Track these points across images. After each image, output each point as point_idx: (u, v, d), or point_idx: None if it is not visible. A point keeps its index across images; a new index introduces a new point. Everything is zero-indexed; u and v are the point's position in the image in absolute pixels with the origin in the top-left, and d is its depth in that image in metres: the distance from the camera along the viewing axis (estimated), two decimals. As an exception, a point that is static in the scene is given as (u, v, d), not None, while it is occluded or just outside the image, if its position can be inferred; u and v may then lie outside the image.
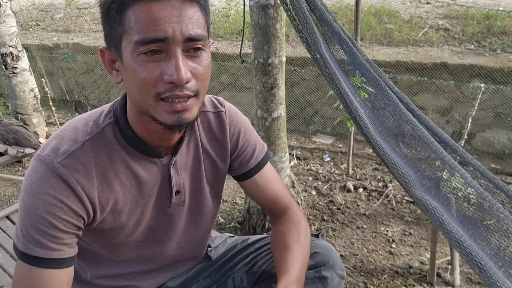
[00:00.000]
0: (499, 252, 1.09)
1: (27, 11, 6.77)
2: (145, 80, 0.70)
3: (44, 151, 0.78)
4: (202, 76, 0.74)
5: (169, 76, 0.69)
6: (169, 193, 0.91)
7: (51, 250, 0.76)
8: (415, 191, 1.18)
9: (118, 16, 0.70)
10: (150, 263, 1.01)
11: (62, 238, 0.77)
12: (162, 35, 0.68)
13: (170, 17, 0.68)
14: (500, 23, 3.74)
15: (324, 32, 1.48)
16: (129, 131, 0.82)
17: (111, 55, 0.76)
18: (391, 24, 4.16)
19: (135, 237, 0.92)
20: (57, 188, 0.75)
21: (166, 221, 0.95)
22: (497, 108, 3.21)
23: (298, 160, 3.48)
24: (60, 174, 0.75)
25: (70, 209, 0.76)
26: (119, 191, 0.84)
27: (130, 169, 0.84)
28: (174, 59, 0.69)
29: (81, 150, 0.78)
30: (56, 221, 0.75)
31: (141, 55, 0.69)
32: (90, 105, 5.31)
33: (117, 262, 0.97)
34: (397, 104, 1.35)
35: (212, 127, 0.96)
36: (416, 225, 2.48)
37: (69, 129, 0.81)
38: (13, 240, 0.78)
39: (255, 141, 1.04)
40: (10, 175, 3.26)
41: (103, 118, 0.83)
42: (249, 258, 1.09)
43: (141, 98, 0.73)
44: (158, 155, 0.86)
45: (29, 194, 0.75)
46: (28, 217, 0.75)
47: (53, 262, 0.76)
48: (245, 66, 4.08)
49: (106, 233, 0.87)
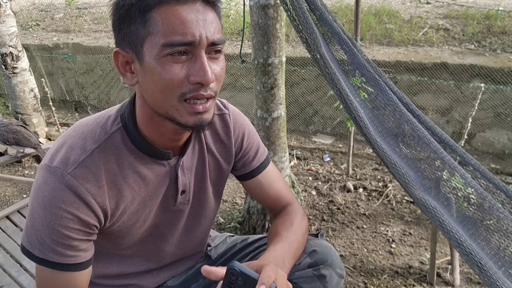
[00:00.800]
0: (499, 252, 1.09)
1: (27, 11, 6.77)
2: (171, 80, 0.71)
3: (53, 162, 0.78)
4: (220, 78, 0.77)
5: (196, 77, 0.72)
6: (175, 193, 0.93)
7: (68, 257, 0.79)
8: (415, 191, 1.18)
9: (141, 18, 0.71)
10: (151, 261, 1.02)
11: (77, 246, 0.80)
12: (191, 39, 0.70)
13: (197, 21, 0.71)
14: (500, 23, 3.74)
15: (324, 32, 1.48)
16: (137, 135, 0.83)
17: (127, 56, 0.76)
18: (391, 24, 4.16)
19: (139, 234, 0.94)
20: (67, 201, 0.76)
21: (170, 218, 0.97)
22: (497, 108, 3.21)
23: (298, 160, 3.48)
24: (71, 187, 0.76)
25: (81, 220, 0.78)
26: (128, 195, 0.85)
27: (138, 173, 0.85)
28: (200, 60, 0.72)
29: (90, 159, 0.79)
30: (69, 232, 0.77)
31: (168, 56, 0.71)
32: (90, 105, 5.31)
33: (118, 260, 0.97)
34: (397, 104, 1.35)
35: (217, 129, 0.99)
36: (416, 225, 2.48)
37: (76, 135, 0.81)
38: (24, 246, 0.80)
39: (258, 142, 1.07)
40: (10, 175, 3.26)
41: (110, 124, 0.84)
42: (248, 257, 1.10)
43: (163, 99, 0.74)
44: (166, 157, 0.88)
45: (41, 207, 0.77)
46: (43, 228, 0.77)
47: (71, 266, 0.80)
48: (245, 66, 4.08)
49: (114, 234, 0.89)
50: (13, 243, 1.80)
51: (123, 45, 0.75)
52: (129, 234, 0.91)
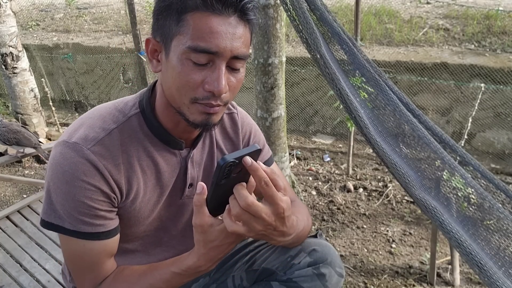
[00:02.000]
0: (499, 252, 1.09)
1: (27, 11, 6.77)
2: (187, 83, 0.75)
3: (71, 138, 0.80)
4: (235, 89, 0.81)
5: (210, 86, 0.75)
6: (182, 185, 0.95)
7: (97, 226, 0.82)
8: (415, 191, 1.18)
9: (177, 16, 0.74)
10: (153, 256, 1.02)
11: (103, 215, 0.83)
12: (215, 49, 0.73)
13: (226, 34, 0.73)
14: (500, 23, 3.74)
15: (324, 32, 1.48)
16: (154, 121, 0.86)
17: (156, 45, 0.80)
18: (391, 24, 4.16)
19: (144, 225, 0.95)
20: (88, 174, 0.79)
21: (175, 212, 0.98)
22: (497, 108, 3.21)
23: (298, 160, 3.48)
24: (91, 161, 0.79)
25: (103, 192, 0.81)
26: (141, 178, 0.88)
27: (152, 158, 0.88)
28: (218, 71, 0.75)
29: (108, 138, 0.82)
30: (94, 203, 0.80)
31: (190, 60, 0.74)
32: (90, 105, 5.31)
33: (120, 254, 0.97)
34: (397, 104, 1.35)
35: (226, 127, 1.03)
36: (416, 225, 2.48)
37: (95, 117, 0.85)
38: (45, 220, 0.82)
39: (264, 141, 1.12)
40: (10, 175, 3.26)
41: (129, 108, 0.87)
42: (248, 256, 1.10)
43: (177, 96, 0.78)
44: (179, 147, 0.91)
45: (63, 181, 0.79)
46: (68, 202, 0.79)
47: (101, 235, 0.83)
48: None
49: (122, 221, 0.90)
50: (13, 243, 1.80)
51: (156, 34, 0.79)
52: (135, 224, 0.92)
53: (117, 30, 5.61)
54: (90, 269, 0.86)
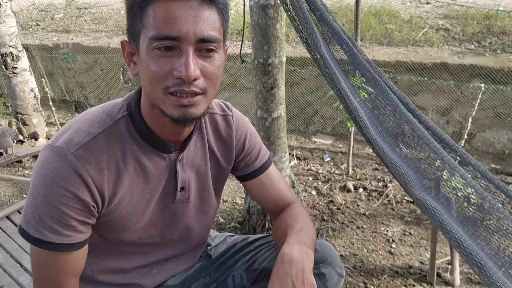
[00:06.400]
0: (499, 252, 1.09)
1: (27, 11, 6.77)
2: (156, 73, 0.74)
3: (57, 142, 0.80)
4: (211, 76, 0.77)
5: (178, 72, 0.73)
6: (174, 189, 0.94)
7: (64, 236, 0.79)
8: (415, 191, 1.18)
9: (139, 12, 0.74)
10: (151, 257, 1.02)
11: (74, 226, 0.80)
12: (176, 34, 0.71)
13: (186, 17, 0.72)
14: (500, 23, 3.74)
15: (324, 32, 1.48)
16: (142, 124, 0.85)
17: (130, 48, 0.80)
18: (391, 24, 4.16)
19: (138, 230, 0.93)
20: (68, 180, 0.77)
21: (169, 217, 0.97)
22: (497, 108, 3.21)
23: (298, 160, 3.48)
24: (73, 166, 0.77)
25: (81, 199, 0.79)
26: (127, 183, 0.86)
27: (139, 162, 0.87)
28: (185, 56, 0.73)
29: (94, 142, 0.80)
30: (69, 210, 0.78)
31: (155, 49, 0.73)
32: (90, 105, 5.31)
33: (117, 255, 0.98)
34: (397, 104, 1.35)
35: (219, 129, 1.01)
36: (416, 225, 2.48)
37: (82, 121, 0.84)
38: (20, 226, 0.81)
39: (260, 143, 1.09)
40: (10, 175, 3.26)
41: (116, 111, 0.86)
42: (248, 256, 1.10)
43: (151, 91, 0.77)
44: (168, 150, 0.89)
45: (42, 185, 0.78)
46: (42, 206, 0.78)
47: (64, 246, 0.80)
48: (245, 66, 4.08)
49: (111, 227, 0.89)
50: (13, 243, 1.80)
51: (128, 36, 0.80)
52: (127, 229, 0.91)
53: (117, 30, 5.61)
54: (49, 286, 0.82)
